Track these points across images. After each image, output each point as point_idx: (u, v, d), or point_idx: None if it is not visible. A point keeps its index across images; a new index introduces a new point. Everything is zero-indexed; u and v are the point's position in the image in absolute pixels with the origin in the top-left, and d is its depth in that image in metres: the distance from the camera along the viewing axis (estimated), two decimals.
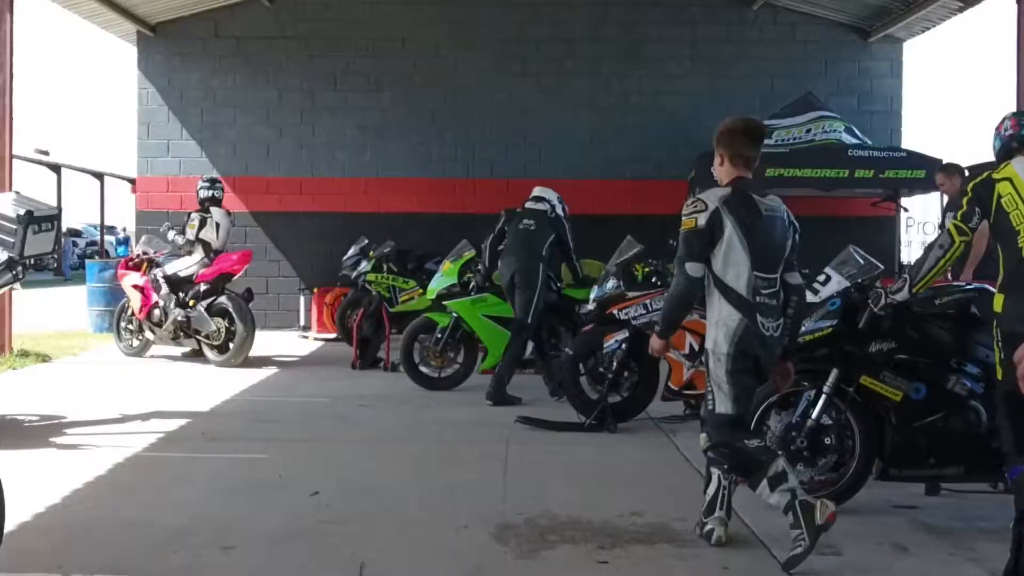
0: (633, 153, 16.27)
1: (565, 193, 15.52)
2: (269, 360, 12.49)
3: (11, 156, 12.03)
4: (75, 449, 7.35)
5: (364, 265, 13.10)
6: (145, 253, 12.75)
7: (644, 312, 8.25)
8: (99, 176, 42.00)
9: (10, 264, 8.03)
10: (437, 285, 10.56)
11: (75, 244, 43.21)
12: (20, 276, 8.16)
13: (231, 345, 11.85)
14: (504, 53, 16.45)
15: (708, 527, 5.31)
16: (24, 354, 12.17)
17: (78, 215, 48.95)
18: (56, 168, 40.78)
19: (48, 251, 8.38)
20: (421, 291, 13.18)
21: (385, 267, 13.01)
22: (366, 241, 13.68)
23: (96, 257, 25.89)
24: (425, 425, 8.59)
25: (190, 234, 12.17)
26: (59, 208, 8.36)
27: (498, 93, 16.30)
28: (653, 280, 8.52)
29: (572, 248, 10.30)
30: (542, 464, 7.19)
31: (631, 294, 8.38)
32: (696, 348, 8.18)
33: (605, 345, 8.45)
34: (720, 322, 5.13)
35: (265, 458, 7.16)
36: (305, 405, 9.42)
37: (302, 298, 16.24)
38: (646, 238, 9.15)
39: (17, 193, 8.51)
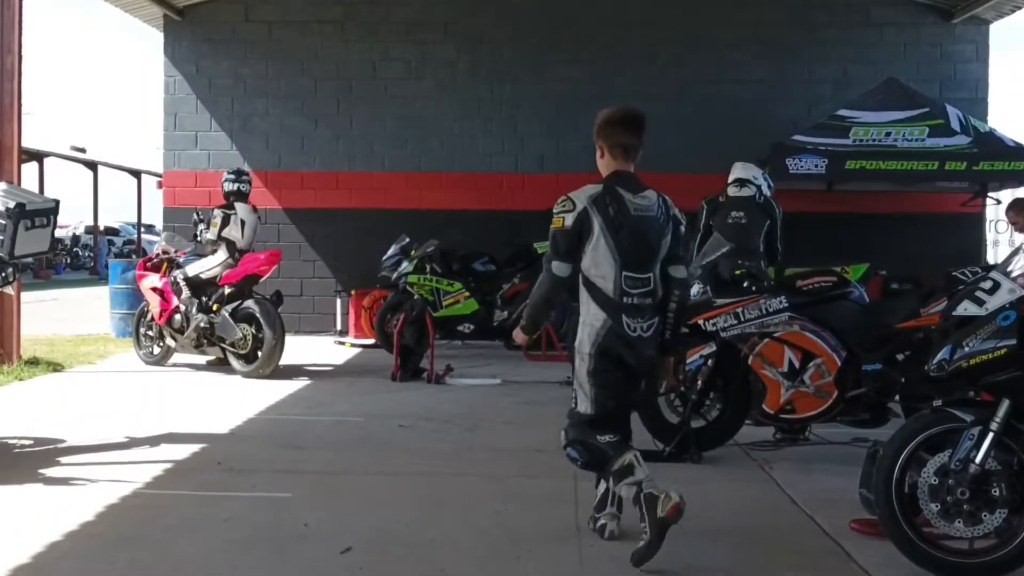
0: (693, 146, 14.99)
1: None
2: (301, 370, 11.35)
3: (20, 144, 10.99)
4: (65, 485, 6.21)
5: (405, 266, 12.07)
6: (165, 252, 11.66)
7: (735, 323, 7.02)
8: (136, 173, 41.54)
9: None
10: None
11: (112, 243, 42.61)
12: (11, 279, 7.13)
13: (259, 354, 10.73)
14: (554, 39, 15.30)
15: (601, 522, 5.31)
16: (33, 363, 11.13)
17: (115, 213, 48.54)
18: (92, 165, 40.46)
19: (43, 250, 7.33)
20: (467, 294, 12.12)
21: (428, 268, 12.01)
22: (407, 240, 12.61)
23: (133, 256, 24.99)
24: (476, 452, 7.40)
25: (212, 232, 11.07)
26: (56, 201, 7.22)
27: (548, 82, 15.14)
28: (745, 285, 7.27)
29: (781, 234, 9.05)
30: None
31: (719, 301, 7.13)
32: (796, 365, 6.97)
33: (687, 360, 7.22)
34: (586, 322, 5.09)
35: (289, 498, 5.99)
36: (338, 426, 8.27)
37: (338, 301, 15.14)
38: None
39: (8, 184, 7.43)
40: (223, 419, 8.37)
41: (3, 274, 7.04)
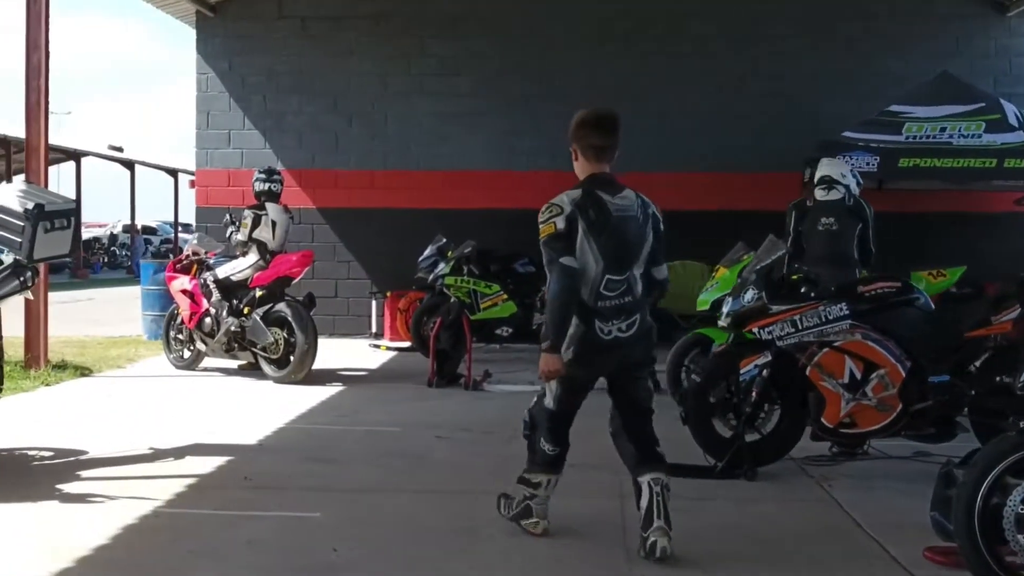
0: (749, 142, 14.59)
1: (672, 187, 14.10)
2: (334, 375, 11.00)
3: (47, 143, 10.71)
4: (83, 503, 5.86)
5: (442, 267, 11.71)
6: (195, 253, 11.35)
7: (792, 331, 6.58)
8: (172, 173, 41.48)
9: (16, 269, 6.67)
10: (709, 296, 8.54)
11: (149, 242, 42.62)
12: (29, 283, 6.80)
13: (291, 358, 10.39)
14: (601, 32, 14.85)
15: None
16: (61, 367, 10.84)
17: (153, 212, 48.62)
18: (130, 165, 40.47)
19: (64, 253, 7.00)
20: (505, 296, 11.74)
21: (465, 269, 11.65)
22: (444, 240, 12.23)
23: (170, 255, 24.79)
24: (517, 466, 6.94)
25: (243, 233, 10.74)
26: (76, 202, 6.92)
27: (594, 77, 14.63)
28: (803, 290, 6.82)
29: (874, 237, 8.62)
30: (672, 528, 5.58)
31: (775, 308, 6.68)
32: (858, 376, 6.52)
33: (741, 371, 6.75)
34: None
35: (317, 518, 5.63)
36: (372, 437, 7.91)
37: (373, 303, 14.80)
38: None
39: (26, 183, 7.12)
40: (252, 428, 8.03)
41: (22, 278, 6.72)
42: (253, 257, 10.76)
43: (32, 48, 10.50)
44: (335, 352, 12.22)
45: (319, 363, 10.69)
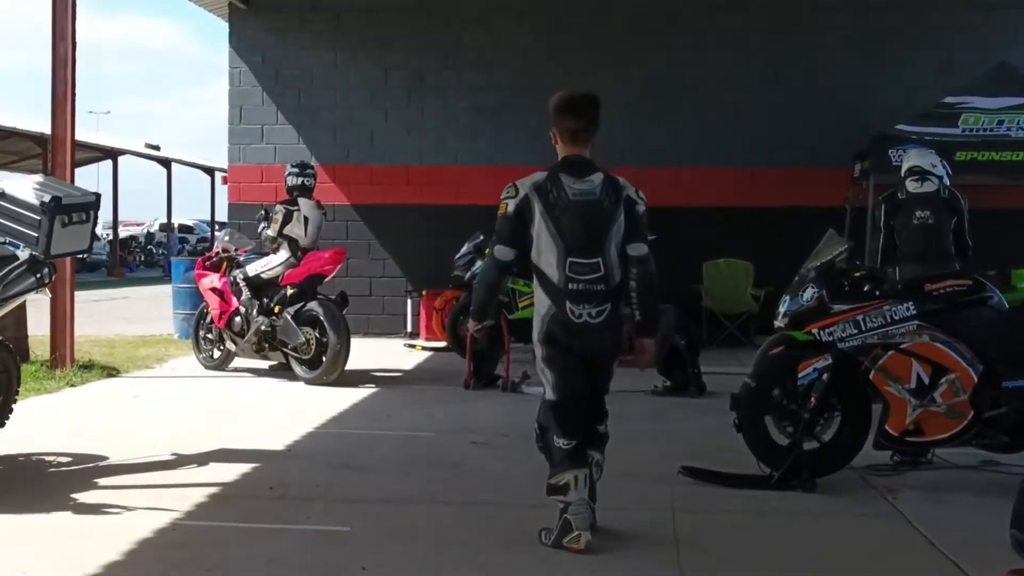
0: (784, 136, 14.20)
1: (705, 182, 13.69)
2: (368, 376, 10.63)
3: (73, 136, 10.41)
4: (98, 513, 5.49)
5: (479, 264, 11.26)
6: (225, 251, 11.02)
7: (855, 332, 6.12)
8: (209, 171, 41.41)
9: (32, 265, 6.34)
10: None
11: (185, 240, 42.64)
12: (46, 280, 6.47)
13: (323, 359, 10.04)
14: (636, 24, 14.43)
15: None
16: (88, 367, 10.54)
17: (191, 210, 48.69)
18: (166, 163, 40.47)
19: (83, 248, 6.67)
20: None
21: None
22: (481, 237, 11.82)
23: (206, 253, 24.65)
24: None
25: (273, 229, 10.40)
26: (96, 195, 6.57)
27: (629, 69, 14.26)
28: (866, 289, 6.36)
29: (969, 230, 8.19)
30: (727, 545, 5.17)
31: (837, 307, 6.24)
32: (926, 381, 6.07)
33: (800, 374, 6.27)
34: (537, 310, 5.11)
35: (346, 532, 5.23)
36: (405, 443, 7.52)
37: (409, 302, 14.44)
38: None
39: (44, 175, 6.79)
40: (280, 433, 7.67)
41: (39, 275, 6.39)
42: (284, 254, 10.42)
43: (59, 38, 10.21)
44: (369, 352, 11.86)
45: (352, 363, 10.34)
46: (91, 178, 42.35)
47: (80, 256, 9.04)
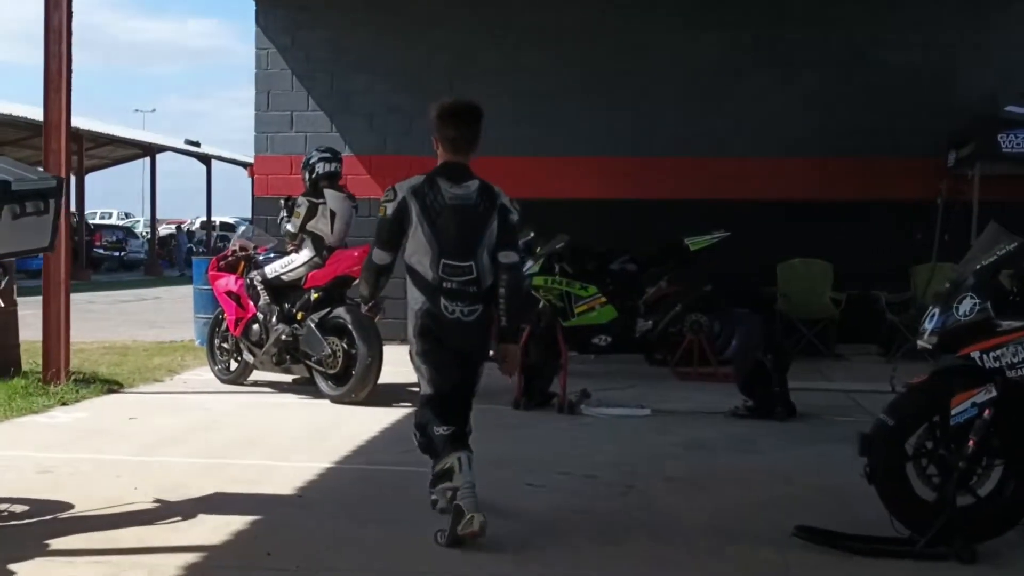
0: (865, 123, 12.90)
1: (772, 172, 12.87)
2: (402, 392, 9.23)
3: (69, 119, 9.14)
4: None
5: (530, 265, 9.86)
6: (243, 248, 9.74)
7: None
8: (249, 167, 40.53)
9: None
10: None
11: (226, 239, 41.76)
12: None
13: (351, 373, 8.74)
14: (698, 1, 13.21)
15: (433, 498, 5.22)
16: (87, 382, 9.29)
17: (232, 209, 47.86)
18: (206, 159, 39.60)
19: (41, 246, 5.37)
20: (603, 299, 9.94)
21: (557, 268, 9.88)
22: (531, 235, 10.38)
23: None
24: (639, 534, 5.19)
25: (295, 224, 9.11)
26: (58, 179, 5.27)
27: (689, 51, 13.14)
28: None
29: None
30: None
31: (1005, 324, 4.78)
32: None
33: (953, 411, 4.85)
34: (410, 307, 5.22)
35: None
36: None
37: None
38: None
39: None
40: (294, 468, 6.39)
41: None
42: (308, 253, 9.14)
43: (53, 7, 8.95)
44: (403, 362, 10.39)
45: (385, 377, 9.03)
46: (138, 175, 42.09)
47: (33, 256, 7.78)
